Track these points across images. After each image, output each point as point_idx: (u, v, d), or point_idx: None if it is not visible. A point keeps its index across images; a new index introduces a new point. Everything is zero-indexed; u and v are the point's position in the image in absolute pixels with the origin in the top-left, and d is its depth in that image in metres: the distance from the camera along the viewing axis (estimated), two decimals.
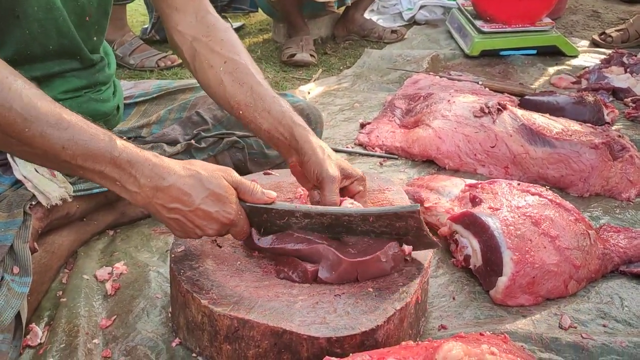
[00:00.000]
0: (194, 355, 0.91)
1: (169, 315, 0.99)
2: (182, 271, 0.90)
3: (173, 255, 0.94)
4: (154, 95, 1.34)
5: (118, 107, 1.22)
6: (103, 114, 1.15)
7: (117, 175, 0.78)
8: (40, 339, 0.95)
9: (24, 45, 0.98)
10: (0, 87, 0.70)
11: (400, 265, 0.92)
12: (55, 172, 1.03)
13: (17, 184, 1.01)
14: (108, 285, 1.07)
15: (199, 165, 0.84)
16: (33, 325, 0.97)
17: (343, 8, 2.63)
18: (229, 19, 2.84)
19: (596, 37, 2.48)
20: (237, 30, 2.89)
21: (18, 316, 0.88)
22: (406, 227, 0.89)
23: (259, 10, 2.81)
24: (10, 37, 0.96)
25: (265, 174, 1.20)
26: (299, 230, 0.91)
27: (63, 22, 1.00)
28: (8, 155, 1.00)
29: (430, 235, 0.91)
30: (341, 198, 0.96)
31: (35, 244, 0.98)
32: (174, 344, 0.93)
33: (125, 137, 1.23)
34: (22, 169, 0.99)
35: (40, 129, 0.73)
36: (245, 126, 1.06)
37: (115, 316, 1.00)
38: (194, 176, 0.82)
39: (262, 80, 1.04)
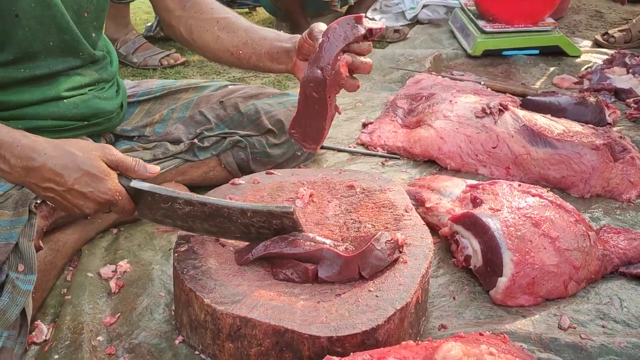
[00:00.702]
0: (196, 353, 0.92)
1: (172, 313, 1.00)
2: (185, 270, 0.91)
3: (176, 254, 0.95)
4: (158, 94, 1.35)
5: (122, 106, 1.23)
6: (107, 112, 1.16)
7: None
8: (46, 336, 0.96)
9: (25, 43, 0.99)
10: None
11: (395, 254, 0.93)
12: None
13: None
14: (112, 283, 1.08)
15: (75, 145, 0.86)
16: (38, 322, 0.98)
17: (346, 7, 2.64)
18: None
19: (599, 37, 2.48)
20: None
21: (23, 313, 0.90)
22: (282, 225, 0.93)
23: (262, 9, 2.82)
24: (12, 37, 0.97)
25: (267, 173, 1.21)
26: (182, 216, 0.93)
27: (62, 18, 1.02)
28: None
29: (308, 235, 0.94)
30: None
31: (40, 242, 1.00)
32: (177, 342, 0.94)
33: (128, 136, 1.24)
34: None
35: None
36: (246, 64, 1.17)
37: (119, 314, 1.01)
38: (66, 156, 0.83)
39: (252, 24, 1.17)
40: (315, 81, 0.94)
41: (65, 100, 1.07)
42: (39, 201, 0.99)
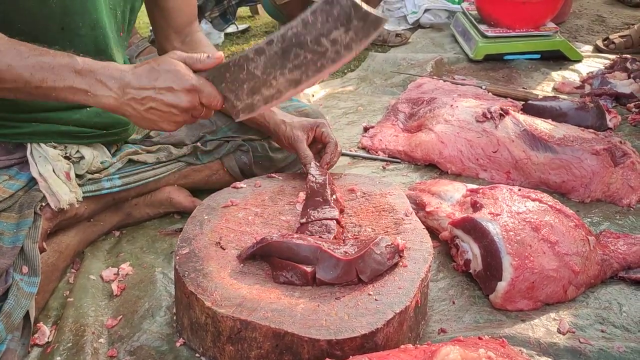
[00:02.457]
0: (197, 355, 0.92)
1: (174, 315, 1.01)
2: (187, 273, 0.92)
3: (178, 257, 0.95)
4: None
5: None
6: (125, 122, 1.19)
7: (87, 86, 0.88)
8: (48, 338, 0.97)
9: None
10: None
11: (396, 258, 0.94)
12: (70, 175, 1.06)
13: (32, 181, 1.03)
14: (114, 286, 1.09)
15: (149, 61, 0.95)
16: (41, 324, 0.99)
17: None
18: (235, 22, 2.86)
19: (599, 42, 2.48)
20: (242, 32, 2.91)
21: (26, 315, 0.91)
22: (344, 13, 0.88)
23: (265, 13, 2.83)
24: (51, 47, 1.00)
25: (268, 177, 1.22)
26: (262, 76, 0.92)
27: (102, 40, 1.06)
28: (28, 153, 1.03)
29: (372, 10, 0.88)
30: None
31: (44, 243, 1.01)
32: (178, 344, 0.95)
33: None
34: (40, 167, 1.02)
35: (4, 62, 0.83)
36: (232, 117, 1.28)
37: (120, 316, 1.02)
38: (145, 66, 0.92)
39: None
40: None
41: (88, 109, 1.10)
42: (43, 204, 1.00)
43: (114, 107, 0.90)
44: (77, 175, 1.09)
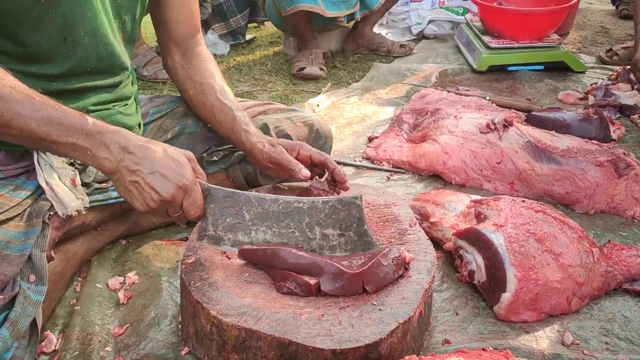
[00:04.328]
0: None
1: (179, 324, 1.02)
2: (192, 282, 0.93)
3: (184, 266, 0.96)
4: (168, 110, 1.37)
5: (140, 124, 1.27)
6: (129, 127, 1.20)
7: (89, 144, 0.89)
8: (55, 346, 0.98)
9: (66, 64, 1.05)
10: None
11: (402, 271, 0.94)
12: (76, 183, 1.07)
13: (39, 190, 1.04)
14: (120, 294, 1.10)
15: (164, 144, 0.95)
16: (48, 332, 1.00)
17: (352, 22, 2.67)
18: (239, 35, 2.89)
19: (603, 54, 2.49)
20: (248, 42, 2.94)
21: (33, 322, 0.91)
22: (349, 218, 0.94)
23: (270, 23, 2.86)
24: (53, 56, 1.03)
25: (273, 187, 1.23)
26: (247, 223, 0.94)
27: (103, 48, 1.08)
28: (35, 161, 1.04)
29: (371, 234, 0.96)
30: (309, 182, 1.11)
31: (52, 252, 1.02)
32: (183, 353, 0.96)
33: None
34: (47, 175, 1.03)
35: (15, 110, 0.85)
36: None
37: (127, 325, 1.03)
38: (158, 145, 0.93)
39: (220, 97, 1.24)
40: None
41: (91, 114, 1.11)
42: (52, 213, 1.02)
43: (109, 170, 0.91)
44: (85, 184, 1.11)
